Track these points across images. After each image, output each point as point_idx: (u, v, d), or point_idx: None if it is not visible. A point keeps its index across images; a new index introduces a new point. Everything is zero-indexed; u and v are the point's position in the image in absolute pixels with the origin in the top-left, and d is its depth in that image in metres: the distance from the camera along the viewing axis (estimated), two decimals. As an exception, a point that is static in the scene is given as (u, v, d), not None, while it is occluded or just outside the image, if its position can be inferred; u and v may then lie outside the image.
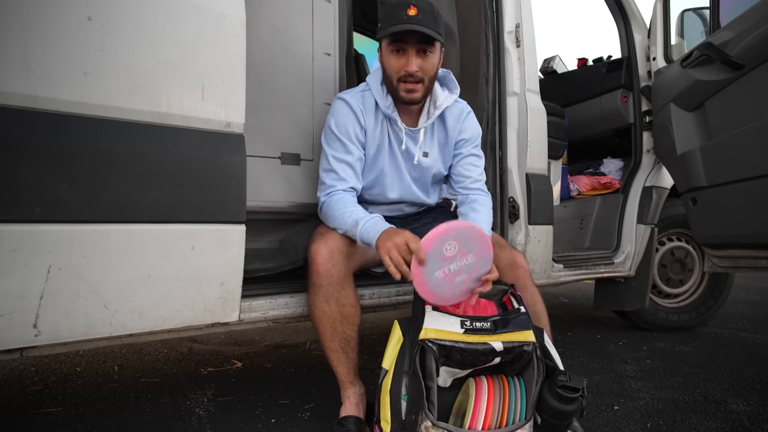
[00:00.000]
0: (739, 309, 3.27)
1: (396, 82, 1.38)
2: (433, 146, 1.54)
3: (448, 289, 1.23)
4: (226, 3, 1.19)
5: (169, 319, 1.14)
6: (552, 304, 3.47)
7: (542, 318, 1.45)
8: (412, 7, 1.31)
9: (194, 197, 1.14)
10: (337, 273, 1.30)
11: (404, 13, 1.31)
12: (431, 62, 1.38)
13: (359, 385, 1.43)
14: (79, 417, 1.54)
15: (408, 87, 1.38)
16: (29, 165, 0.95)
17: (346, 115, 1.44)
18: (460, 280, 1.23)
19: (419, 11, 1.31)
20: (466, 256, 1.22)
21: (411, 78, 1.36)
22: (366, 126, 1.46)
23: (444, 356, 1.15)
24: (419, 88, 1.38)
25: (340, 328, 1.34)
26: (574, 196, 2.89)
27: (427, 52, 1.36)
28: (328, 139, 1.44)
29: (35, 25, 0.95)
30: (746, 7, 1.72)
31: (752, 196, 1.72)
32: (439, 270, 1.20)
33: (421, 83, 1.38)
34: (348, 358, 1.38)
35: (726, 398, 1.70)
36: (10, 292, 0.94)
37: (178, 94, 1.12)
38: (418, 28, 1.30)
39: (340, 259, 1.32)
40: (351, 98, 1.45)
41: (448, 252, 1.20)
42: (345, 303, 1.32)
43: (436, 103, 1.47)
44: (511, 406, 1.11)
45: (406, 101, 1.41)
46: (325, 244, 1.32)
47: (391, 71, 1.39)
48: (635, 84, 2.58)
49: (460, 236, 1.21)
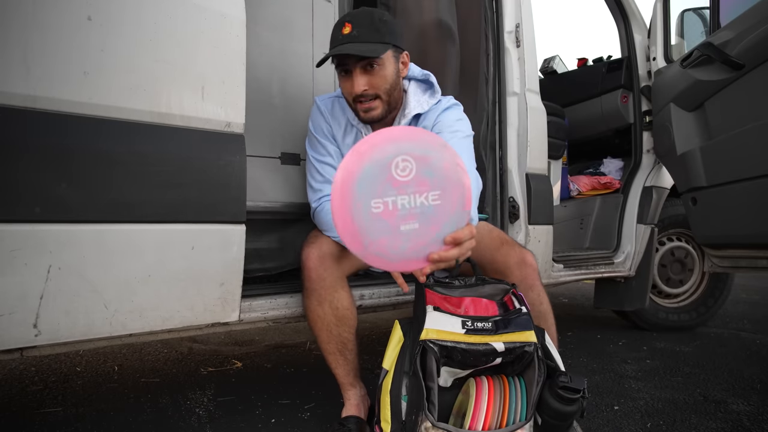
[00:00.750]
0: (739, 309, 3.27)
1: (353, 102, 1.33)
2: None
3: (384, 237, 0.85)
4: (226, 3, 1.19)
5: (169, 319, 1.14)
6: (552, 304, 3.47)
7: (548, 318, 1.44)
8: (347, 24, 1.25)
9: (194, 197, 1.14)
10: (329, 276, 1.30)
11: (339, 33, 1.25)
12: (381, 75, 1.29)
13: (360, 386, 1.43)
14: (79, 417, 1.54)
15: (364, 107, 1.32)
16: (29, 165, 0.95)
17: (319, 117, 1.44)
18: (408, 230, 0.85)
19: (354, 27, 1.24)
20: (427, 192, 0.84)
21: (363, 98, 1.30)
22: (335, 132, 1.43)
23: (445, 357, 1.15)
24: (377, 105, 1.32)
25: (336, 331, 1.34)
26: (574, 196, 2.89)
27: (374, 66, 1.28)
28: (311, 143, 1.45)
29: (35, 26, 0.95)
30: (746, 7, 1.72)
31: (752, 196, 1.72)
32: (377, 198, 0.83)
33: (377, 99, 1.31)
34: (346, 360, 1.38)
35: (726, 398, 1.70)
36: (10, 292, 0.94)
37: (178, 94, 1.12)
38: (349, 50, 1.22)
39: (331, 263, 1.31)
40: (321, 102, 1.44)
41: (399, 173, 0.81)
42: (339, 306, 1.32)
43: (404, 111, 1.40)
44: (511, 406, 1.11)
45: (366, 121, 1.36)
46: (317, 248, 1.31)
47: (345, 94, 1.34)
48: (635, 84, 2.58)
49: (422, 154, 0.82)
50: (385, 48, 1.26)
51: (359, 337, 1.41)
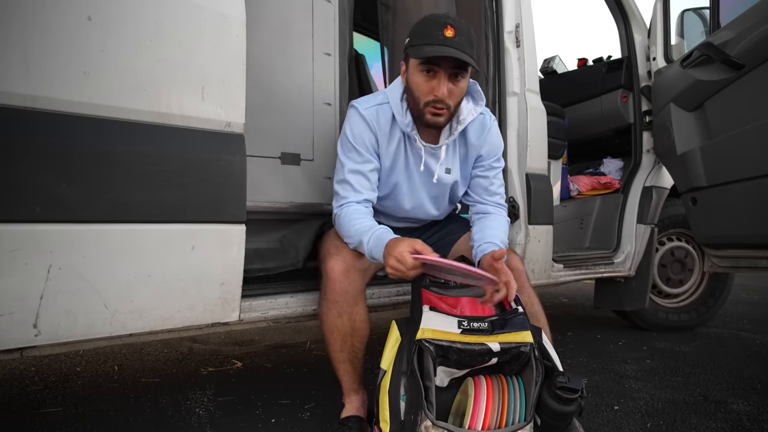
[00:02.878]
0: (739, 309, 3.27)
1: (422, 105, 1.29)
2: (455, 162, 1.46)
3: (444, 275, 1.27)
4: (226, 3, 1.19)
5: (169, 318, 1.14)
6: (552, 304, 3.47)
7: (540, 319, 1.45)
8: (450, 28, 1.21)
9: (194, 197, 1.14)
10: (352, 291, 1.31)
11: (441, 34, 1.20)
12: (461, 87, 1.29)
13: (362, 392, 1.45)
14: (79, 417, 1.54)
15: (435, 111, 1.29)
16: (30, 165, 0.95)
17: (362, 126, 1.37)
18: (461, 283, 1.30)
19: (456, 33, 1.21)
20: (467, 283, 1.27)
21: (440, 103, 1.27)
22: (380, 142, 1.39)
23: (441, 356, 1.15)
24: (445, 113, 1.30)
25: (350, 342, 1.35)
26: (574, 196, 2.89)
27: (459, 78, 1.27)
28: (345, 149, 1.38)
29: (35, 26, 0.95)
30: (746, 7, 1.72)
31: (752, 196, 1.72)
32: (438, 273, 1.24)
33: (447, 109, 1.29)
34: (354, 368, 1.39)
35: (726, 398, 1.70)
36: (10, 292, 0.95)
37: (178, 94, 1.12)
38: (455, 54, 1.19)
39: (356, 276, 1.32)
40: (366, 111, 1.37)
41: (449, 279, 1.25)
42: (357, 319, 1.33)
43: (459, 118, 1.38)
44: (510, 406, 1.11)
45: (430, 124, 1.33)
46: (342, 261, 1.31)
47: (419, 93, 1.29)
48: (635, 84, 2.58)
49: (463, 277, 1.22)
50: (475, 64, 1.25)
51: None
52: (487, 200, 1.50)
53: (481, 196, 1.51)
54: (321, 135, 1.66)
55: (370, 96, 1.44)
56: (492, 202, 1.50)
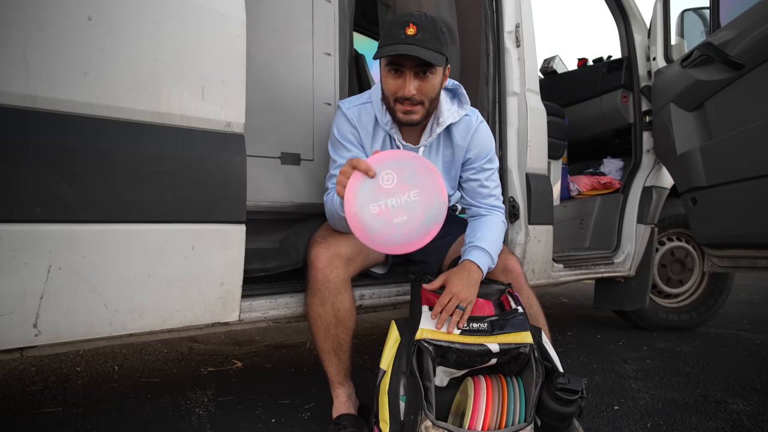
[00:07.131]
0: (739, 309, 3.27)
1: (393, 102, 1.31)
2: (437, 163, 1.46)
3: (383, 229, 1.11)
4: (226, 3, 1.19)
5: (169, 318, 1.14)
6: (552, 304, 3.47)
7: (540, 320, 1.45)
8: (411, 25, 1.21)
9: (194, 197, 1.14)
10: (335, 279, 1.31)
11: (402, 32, 1.21)
12: (431, 84, 1.28)
13: (349, 385, 1.45)
14: (79, 417, 1.54)
15: (405, 109, 1.30)
16: (29, 165, 0.95)
17: (345, 124, 1.41)
18: (400, 221, 1.12)
19: (419, 30, 1.21)
20: (408, 192, 1.11)
21: (408, 101, 1.28)
22: (363, 140, 1.42)
23: (440, 356, 1.15)
24: (418, 110, 1.30)
25: (334, 332, 1.35)
26: (574, 196, 2.89)
27: (427, 74, 1.26)
28: (334, 147, 1.43)
29: (35, 25, 0.95)
30: (746, 7, 1.72)
31: (752, 196, 1.72)
32: (373, 203, 1.10)
33: (420, 105, 1.30)
34: (339, 360, 1.39)
35: (726, 398, 1.70)
36: (10, 291, 0.94)
37: (178, 94, 1.12)
38: (414, 52, 1.19)
39: (339, 264, 1.32)
40: (348, 111, 1.41)
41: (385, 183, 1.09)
42: (340, 308, 1.33)
43: (438, 119, 1.39)
44: (510, 406, 1.11)
45: (403, 123, 1.34)
46: (327, 249, 1.32)
47: (388, 92, 1.31)
48: (635, 84, 2.58)
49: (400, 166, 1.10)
50: (443, 59, 1.25)
51: (359, 337, 1.41)
52: (481, 203, 1.50)
53: (474, 198, 1.51)
54: (321, 135, 1.66)
55: (356, 96, 1.47)
56: (485, 204, 1.50)
